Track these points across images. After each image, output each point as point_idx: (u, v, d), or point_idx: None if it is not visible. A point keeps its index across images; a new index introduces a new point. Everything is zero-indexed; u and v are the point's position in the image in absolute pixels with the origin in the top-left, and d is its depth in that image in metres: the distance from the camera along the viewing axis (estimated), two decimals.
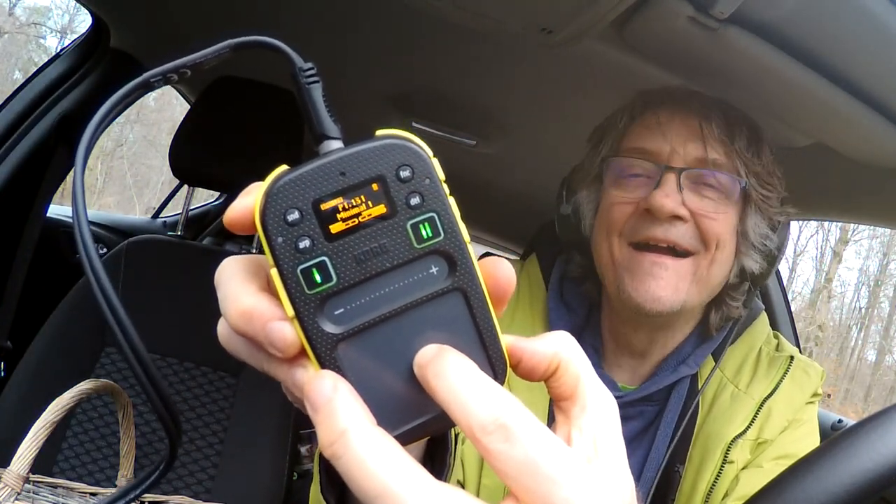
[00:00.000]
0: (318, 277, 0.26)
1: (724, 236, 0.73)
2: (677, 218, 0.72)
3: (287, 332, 0.26)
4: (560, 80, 1.11)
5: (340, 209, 0.26)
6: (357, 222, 0.27)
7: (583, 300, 0.85)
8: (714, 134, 0.73)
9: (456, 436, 0.74)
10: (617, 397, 0.77)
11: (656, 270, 0.72)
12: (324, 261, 0.26)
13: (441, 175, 0.28)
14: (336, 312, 0.27)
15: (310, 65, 0.30)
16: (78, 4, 1.32)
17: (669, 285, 0.72)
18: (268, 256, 0.26)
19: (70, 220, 1.78)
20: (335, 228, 0.26)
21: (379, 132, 0.28)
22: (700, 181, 0.73)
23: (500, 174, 1.82)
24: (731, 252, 0.76)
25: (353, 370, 0.27)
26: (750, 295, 0.81)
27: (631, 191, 0.75)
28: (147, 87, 0.27)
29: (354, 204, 0.26)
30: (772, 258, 0.78)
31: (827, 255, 13.92)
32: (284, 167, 0.27)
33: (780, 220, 0.78)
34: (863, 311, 14.59)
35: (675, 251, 0.73)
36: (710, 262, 0.74)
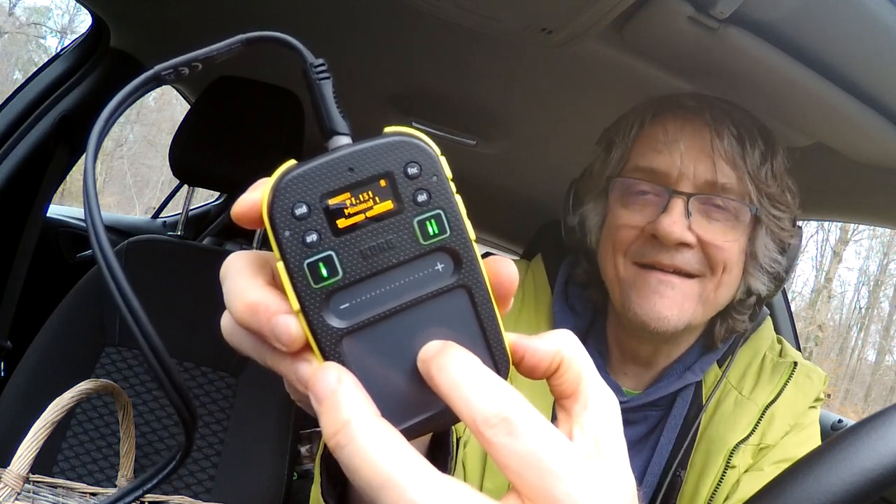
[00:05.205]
0: (324, 272, 0.26)
1: (731, 260, 0.72)
2: (684, 245, 0.71)
3: (292, 325, 0.26)
4: (560, 81, 1.11)
5: (348, 204, 0.26)
6: (364, 218, 0.27)
7: (588, 305, 0.84)
8: (725, 153, 0.71)
9: (457, 440, 0.74)
10: (622, 402, 0.77)
11: (662, 289, 0.71)
12: (330, 255, 0.26)
13: (448, 173, 0.28)
14: (341, 307, 0.27)
15: (321, 60, 0.30)
16: (78, 4, 1.32)
17: (675, 304, 0.71)
18: (274, 250, 0.26)
19: (69, 220, 1.78)
20: (342, 223, 0.26)
21: (387, 129, 0.28)
22: (709, 204, 0.72)
23: (499, 174, 1.82)
24: (739, 274, 0.74)
25: (357, 365, 0.27)
26: (755, 310, 0.80)
27: (637, 211, 0.74)
28: (158, 81, 0.27)
29: (362, 199, 0.27)
30: (780, 279, 0.77)
31: (827, 255, 13.92)
32: (293, 162, 0.27)
33: (791, 243, 0.76)
34: (863, 311, 14.59)
35: (681, 272, 0.72)
36: (717, 286, 0.73)
